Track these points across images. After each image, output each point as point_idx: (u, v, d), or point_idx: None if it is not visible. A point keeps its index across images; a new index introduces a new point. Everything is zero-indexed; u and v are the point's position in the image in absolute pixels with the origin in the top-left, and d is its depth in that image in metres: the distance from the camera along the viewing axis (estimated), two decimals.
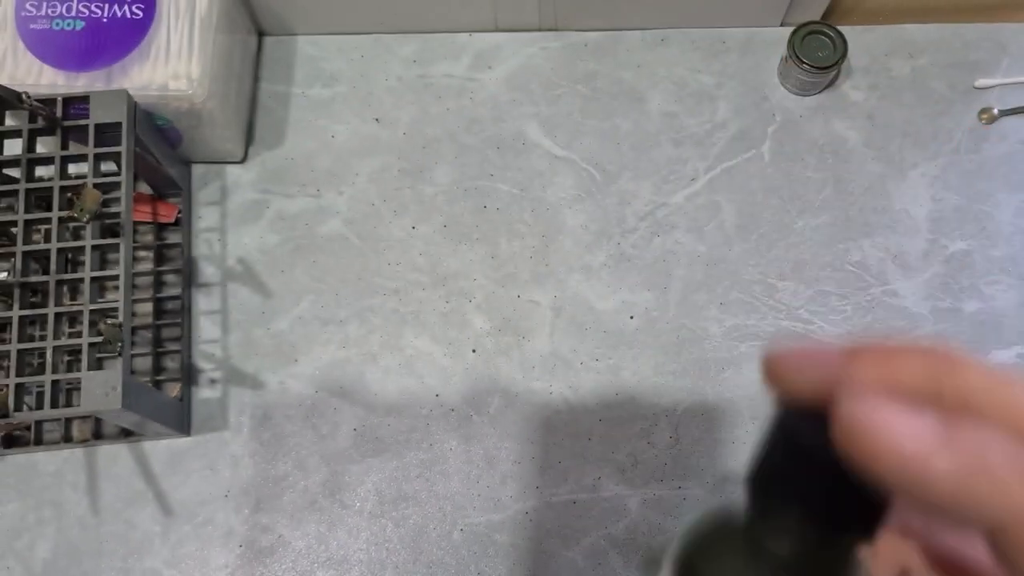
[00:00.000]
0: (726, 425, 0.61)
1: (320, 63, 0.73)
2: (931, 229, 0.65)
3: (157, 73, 0.62)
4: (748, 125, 0.68)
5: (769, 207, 0.66)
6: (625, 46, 0.71)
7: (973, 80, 0.69)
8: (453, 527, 0.60)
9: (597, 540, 0.59)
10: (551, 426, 0.61)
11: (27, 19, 0.64)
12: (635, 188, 0.67)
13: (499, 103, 0.70)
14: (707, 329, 0.63)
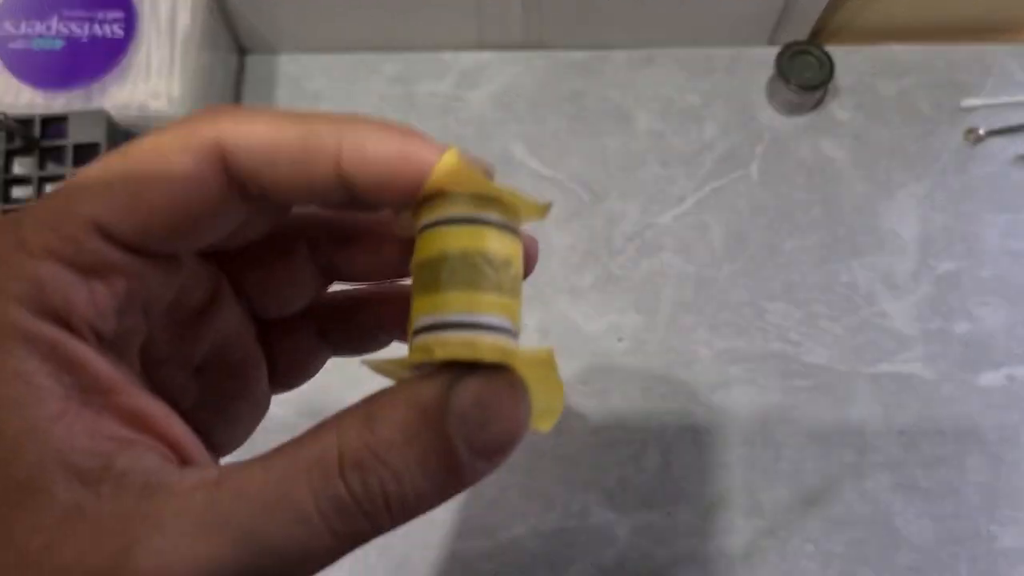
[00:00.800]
0: (716, 449, 0.60)
1: (302, 82, 0.72)
2: (919, 250, 0.65)
3: (137, 92, 0.61)
4: (736, 145, 0.68)
5: (758, 227, 0.66)
6: (611, 65, 0.71)
7: (959, 101, 0.69)
8: (438, 555, 0.59)
9: (586, 568, 0.58)
10: (538, 451, 0.60)
11: (5, 38, 0.63)
12: (622, 208, 0.67)
13: (484, 122, 0.70)
14: (696, 351, 0.62)
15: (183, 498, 0.16)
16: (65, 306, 0.16)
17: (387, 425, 0.17)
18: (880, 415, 0.60)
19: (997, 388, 0.61)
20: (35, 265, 0.16)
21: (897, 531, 0.58)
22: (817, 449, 0.60)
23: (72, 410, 0.16)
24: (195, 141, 0.17)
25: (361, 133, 0.18)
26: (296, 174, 0.18)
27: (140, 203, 0.17)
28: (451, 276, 0.18)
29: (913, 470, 0.59)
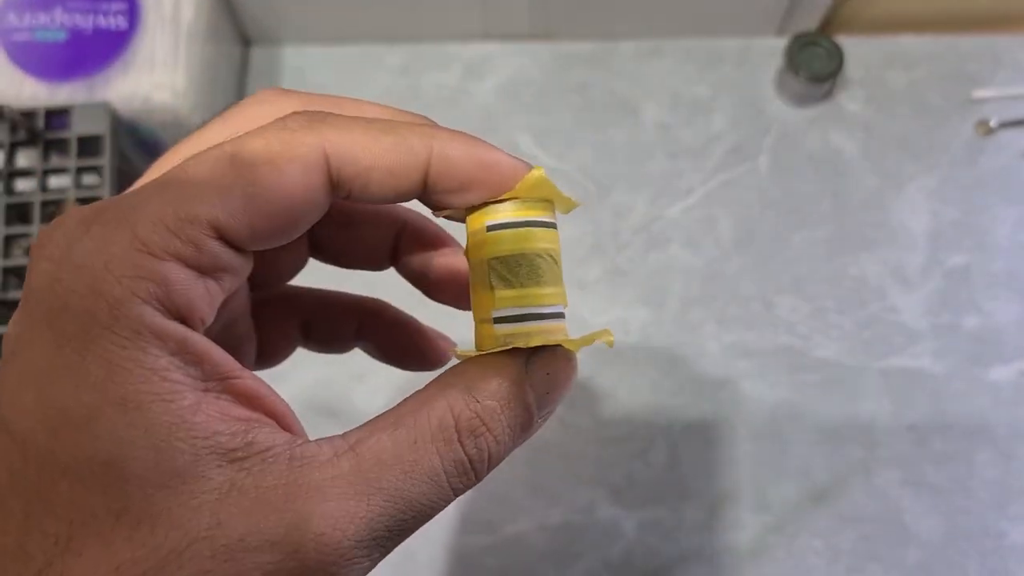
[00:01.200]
0: (724, 444, 0.59)
1: (307, 74, 0.71)
2: (929, 243, 0.64)
3: (141, 84, 0.61)
4: (744, 137, 0.67)
5: (766, 220, 0.65)
6: (618, 56, 0.70)
7: (969, 92, 0.68)
8: (442, 550, 0.58)
9: (592, 564, 0.57)
10: (544, 446, 0.60)
11: (9, 30, 0.62)
12: (630, 201, 0.66)
13: (490, 114, 0.69)
14: (704, 345, 0.62)
15: (332, 467, 0.18)
16: (187, 304, 0.18)
17: (488, 395, 0.20)
18: (889, 410, 0.60)
19: (1008, 383, 0.60)
20: (161, 267, 0.18)
21: (906, 527, 0.57)
22: (826, 444, 0.59)
23: (204, 399, 0.18)
24: (303, 150, 0.19)
25: (446, 144, 0.21)
26: (389, 181, 0.20)
27: (256, 209, 0.18)
28: (531, 273, 0.21)
29: (922, 466, 0.59)
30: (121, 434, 0.17)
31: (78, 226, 0.18)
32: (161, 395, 0.17)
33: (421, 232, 0.26)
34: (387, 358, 0.29)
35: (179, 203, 0.18)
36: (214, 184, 0.18)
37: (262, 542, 0.17)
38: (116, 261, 0.17)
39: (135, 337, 0.17)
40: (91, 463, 0.17)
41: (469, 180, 0.21)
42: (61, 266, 0.17)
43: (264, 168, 0.19)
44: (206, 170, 0.18)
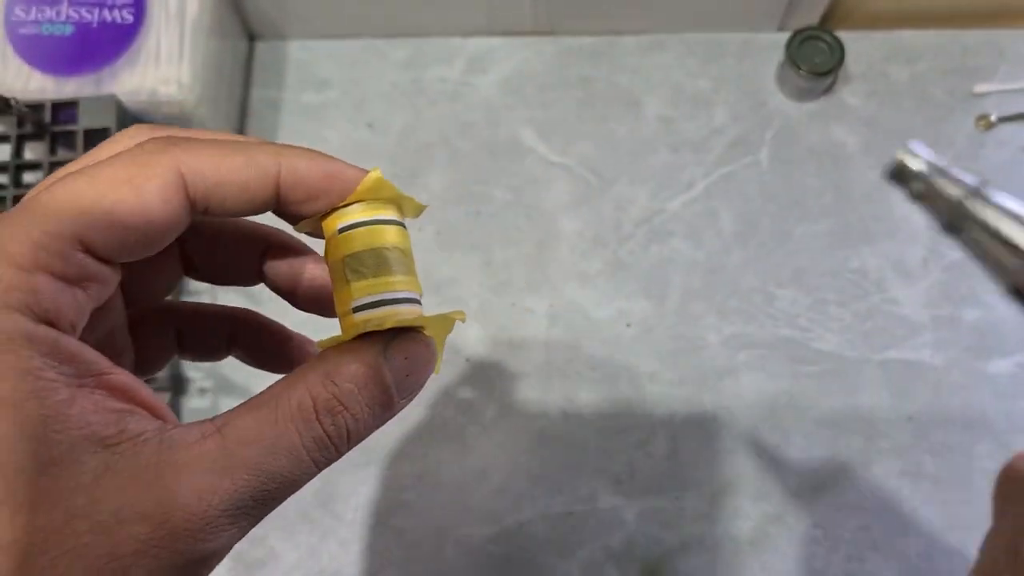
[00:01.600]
0: (724, 435, 0.60)
1: (312, 68, 0.72)
2: (930, 236, 0.64)
3: (147, 78, 0.61)
4: (746, 131, 0.68)
5: (767, 214, 0.65)
6: (620, 50, 0.71)
7: (971, 86, 0.68)
8: (446, 539, 0.59)
9: (594, 552, 0.58)
10: (546, 436, 0.61)
11: (16, 24, 0.63)
12: (631, 194, 0.66)
13: (493, 108, 0.70)
14: (705, 338, 0.62)
15: (198, 447, 0.20)
16: (56, 310, 0.20)
17: (345, 379, 0.22)
18: (889, 402, 0.60)
19: (1006, 375, 0.61)
20: (30, 278, 0.19)
21: (905, 517, 0.58)
22: (826, 435, 0.60)
23: (79, 393, 0.19)
24: (160, 169, 0.21)
25: (294, 159, 0.22)
26: (243, 195, 0.22)
27: (116, 223, 0.20)
28: (380, 263, 0.23)
29: (922, 457, 0.59)
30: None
31: None
32: (36, 392, 0.19)
33: (285, 248, 0.28)
34: (258, 364, 0.31)
35: (45, 221, 0.20)
36: (75, 203, 0.20)
37: (134, 515, 0.19)
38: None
39: (8, 342, 0.19)
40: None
41: (316, 189, 0.23)
42: None
43: (124, 188, 0.20)
44: (69, 192, 0.20)
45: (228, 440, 0.20)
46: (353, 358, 0.22)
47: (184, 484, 0.19)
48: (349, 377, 0.22)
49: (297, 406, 0.21)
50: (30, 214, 0.20)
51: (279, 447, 0.21)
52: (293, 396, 0.21)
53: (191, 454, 0.20)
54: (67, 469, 0.19)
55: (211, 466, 0.20)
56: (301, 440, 0.21)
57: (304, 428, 0.21)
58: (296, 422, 0.21)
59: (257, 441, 0.21)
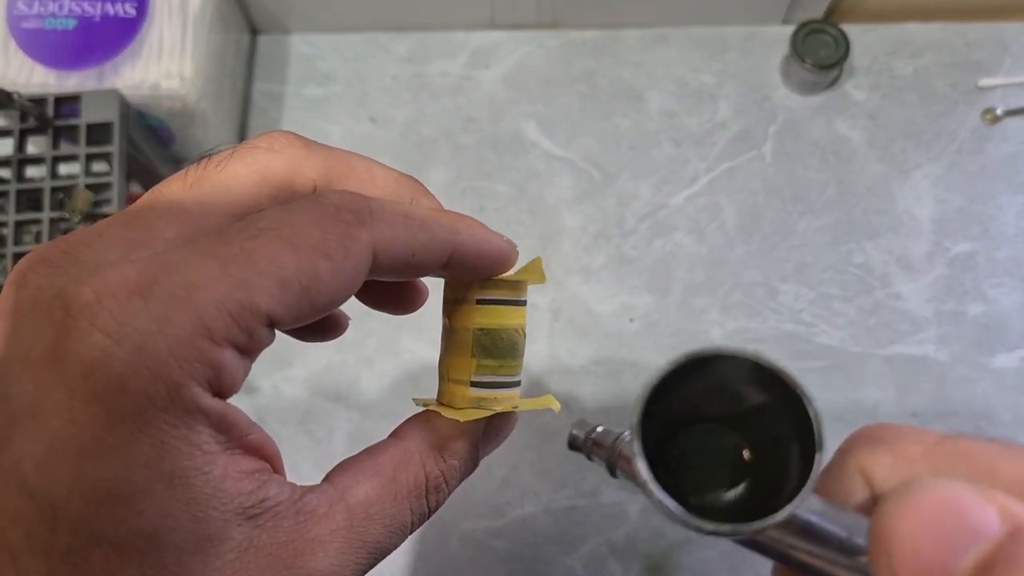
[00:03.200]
0: None
1: (314, 62, 0.72)
2: (934, 231, 0.64)
3: (149, 72, 0.61)
4: (749, 125, 0.68)
5: (771, 208, 0.65)
6: (624, 44, 0.71)
7: (976, 80, 0.68)
8: (450, 534, 0.59)
9: (596, 547, 0.58)
10: (549, 431, 0.61)
11: (19, 18, 0.63)
12: (635, 189, 0.66)
13: (496, 102, 0.69)
14: (708, 332, 0.62)
15: (329, 521, 0.21)
16: (232, 384, 0.19)
17: (453, 455, 0.23)
18: (893, 396, 0.60)
19: (1011, 370, 0.60)
20: (218, 353, 0.19)
21: None
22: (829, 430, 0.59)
23: (229, 463, 0.19)
24: (358, 249, 0.20)
25: (465, 239, 0.23)
26: (418, 270, 0.22)
27: (308, 301, 0.20)
28: (510, 347, 0.24)
29: None
30: (167, 509, 0.18)
31: (132, 297, 0.18)
32: (201, 468, 0.18)
33: None
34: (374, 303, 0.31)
35: (243, 291, 0.18)
36: (275, 274, 0.19)
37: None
38: (180, 346, 0.18)
39: (186, 417, 0.18)
40: (133, 535, 0.18)
41: (476, 267, 0.23)
42: (120, 343, 0.17)
43: (323, 264, 0.19)
44: (268, 255, 0.19)
45: (355, 515, 0.21)
46: (462, 434, 0.24)
47: (320, 563, 0.20)
48: (456, 453, 0.23)
49: (414, 483, 0.22)
50: (226, 274, 0.18)
51: (395, 525, 0.22)
52: (411, 471, 0.22)
53: (324, 529, 0.20)
54: (217, 546, 0.19)
55: (342, 545, 0.21)
56: (411, 517, 0.22)
57: (416, 505, 0.22)
58: (411, 500, 0.22)
59: (379, 519, 0.21)
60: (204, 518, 0.18)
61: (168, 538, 0.18)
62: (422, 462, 0.23)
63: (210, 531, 0.18)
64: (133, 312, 0.18)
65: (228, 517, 0.19)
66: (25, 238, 0.58)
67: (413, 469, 0.22)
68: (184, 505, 0.18)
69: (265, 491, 0.20)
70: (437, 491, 0.23)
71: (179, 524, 0.18)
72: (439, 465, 0.23)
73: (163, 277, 0.18)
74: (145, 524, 0.18)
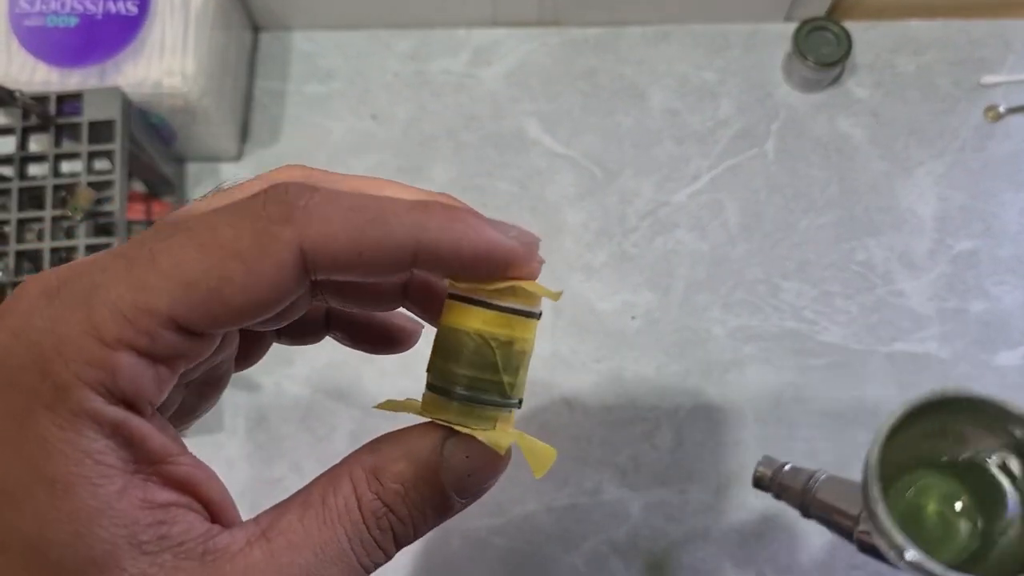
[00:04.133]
0: (730, 427, 0.60)
1: (316, 59, 0.72)
2: (937, 228, 0.64)
3: (151, 70, 0.61)
4: (751, 122, 0.68)
5: (773, 206, 0.65)
6: (626, 42, 0.70)
7: (978, 77, 0.68)
8: (452, 532, 0.59)
9: (598, 545, 0.58)
10: (551, 429, 0.61)
11: (21, 16, 0.63)
12: (636, 186, 0.66)
13: (498, 100, 0.69)
14: (710, 330, 0.62)
15: (244, 557, 0.18)
16: (134, 391, 0.18)
17: (392, 479, 0.20)
18: (895, 394, 0.60)
19: (1014, 368, 0.60)
20: (111, 356, 0.17)
21: None
22: (831, 428, 0.60)
23: (132, 482, 0.18)
24: (277, 248, 0.18)
25: (437, 234, 0.19)
26: (373, 273, 0.19)
27: (216, 301, 0.18)
28: (474, 355, 0.20)
29: None
30: (46, 515, 0.17)
31: (39, 297, 0.18)
32: (91, 478, 0.17)
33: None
34: (357, 344, 0.29)
35: (139, 292, 0.18)
36: (177, 276, 0.18)
37: None
38: (67, 344, 0.17)
39: (74, 420, 0.17)
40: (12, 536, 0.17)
41: (459, 267, 0.20)
42: (18, 339, 0.17)
43: (232, 264, 0.18)
44: (172, 257, 0.18)
45: (275, 546, 0.19)
46: (403, 454, 0.20)
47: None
48: (395, 477, 0.20)
49: (344, 506, 0.20)
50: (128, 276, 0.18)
51: (330, 553, 0.19)
52: (340, 494, 0.20)
53: (236, 567, 0.18)
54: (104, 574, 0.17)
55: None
56: (350, 544, 0.19)
57: (352, 531, 0.20)
58: (344, 524, 0.19)
59: (306, 547, 0.19)
60: (87, 536, 0.17)
61: (47, 550, 0.17)
62: (353, 484, 0.20)
63: (94, 554, 0.17)
64: (36, 311, 0.18)
65: (118, 543, 0.17)
66: (27, 236, 0.58)
67: (344, 491, 0.20)
68: (65, 516, 0.17)
69: (169, 528, 0.18)
70: (377, 518, 0.20)
71: (59, 537, 0.17)
72: (373, 487, 0.20)
73: (75, 279, 0.18)
74: (26, 527, 0.17)
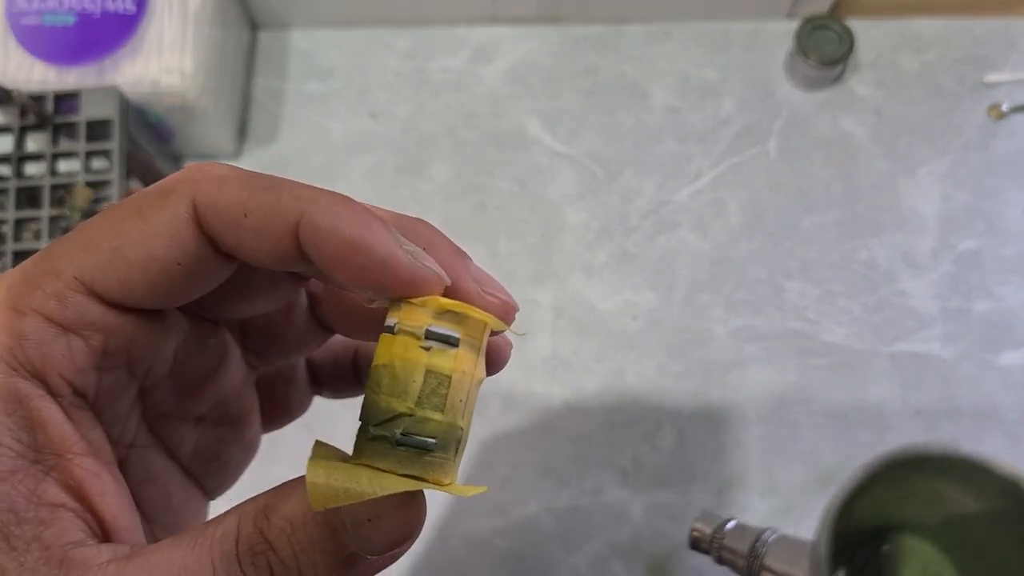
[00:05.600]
0: (731, 428, 0.60)
1: (315, 57, 0.71)
2: (940, 227, 0.64)
3: (149, 68, 0.61)
4: (753, 121, 0.67)
5: (775, 205, 0.65)
6: (627, 39, 0.70)
7: (982, 76, 0.67)
8: (453, 532, 0.59)
9: (600, 546, 0.57)
10: (552, 429, 0.60)
11: (18, 14, 0.62)
12: (638, 185, 0.66)
13: (498, 98, 0.69)
14: (712, 330, 0.62)
15: (98, 571, 0.17)
16: (42, 360, 0.17)
17: (279, 515, 0.18)
18: (898, 394, 0.60)
19: (1017, 367, 0.60)
20: (18, 319, 0.17)
21: None
22: (834, 428, 0.59)
23: (21, 469, 0.17)
24: (172, 200, 0.18)
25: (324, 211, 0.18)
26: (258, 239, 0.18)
27: (120, 259, 0.18)
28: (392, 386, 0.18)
29: None
30: None
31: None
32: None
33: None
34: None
35: (48, 259, 0.18)
36: (84, 239, 0.18)
37: None
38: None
39: None
40: None
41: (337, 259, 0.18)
42: None
43: (130, 221, 0.18)
44: (84, 228, 0.18)
45: (131, 565, 0.17)
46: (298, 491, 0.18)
47: None
48: (283, 514, 0.18)
49: (220, 535, 0.18)
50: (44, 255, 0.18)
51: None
52: (221, 525, 0.18)
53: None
54: None
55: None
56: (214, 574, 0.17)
57: (220, 563, 0.17)
58: (214, 553, 0.17)
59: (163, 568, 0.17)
60: None
61: None
62: (239, 516, 0.18)
63: None
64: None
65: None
66: (25, 236, 0.57)
67: (226, 523, 0.18)
68: None
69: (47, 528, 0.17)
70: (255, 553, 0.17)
71: None
72: (259, 523, 0.18)
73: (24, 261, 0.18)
74: None
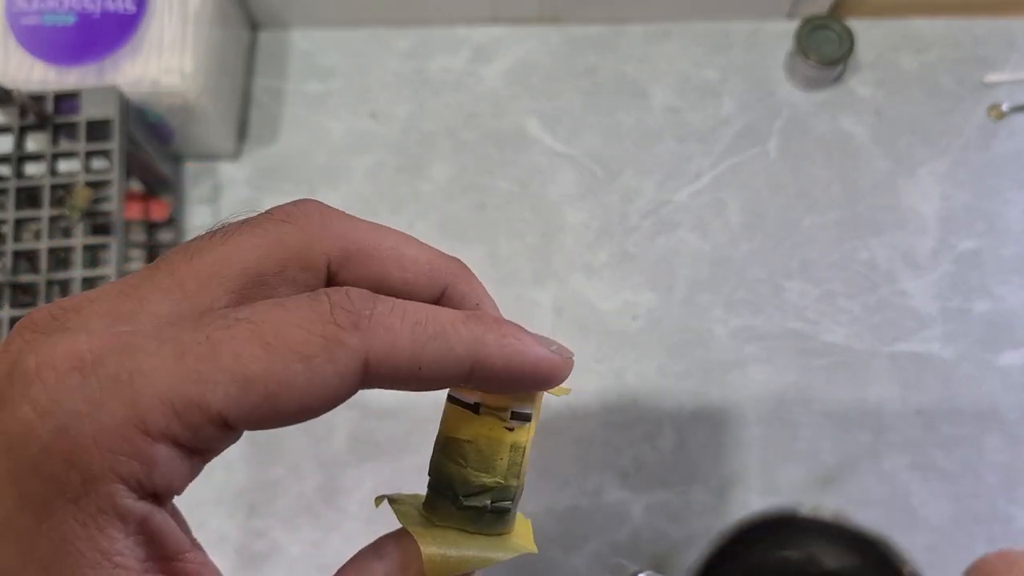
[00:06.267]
0: (731, 428, 0.59)
1: (315, 58, 0.71)
2: (940, 227, 0.64)
3: (149, 68, 0.61)
4: (753, 121, 0.67)
5: (775, 205, 0.65)
6: (627, 40, 0.70)
7: (982, 76, 0.67)
8: None
9: (600, 547, 0.57)
10: (552, 430, 0.60)
11: (18, 14, 0.62)
12: (638, 185, 0.66)
13: (498, 98, 0.69)
14: (712, 330, 0.62)
15: None
16: (166, 484, 0.17)
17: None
18: (898, 394, 0.60)
19: (1017, 368, 0.60)
20: (151, 448, 0.16)
21: (914, 511, 0.57)
22: (834, 428, 0.59)
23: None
24: (344, 357, 0.17)
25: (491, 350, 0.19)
26: (429, 385, 0.19)
27: (270, 405, 0.17)
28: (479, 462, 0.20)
29: (931, 450, 0.59)
30: None
31: (71, 373, 0.16)
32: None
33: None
34: None
35: (193, 384, 0.16)
36: (238, 373, 0.17)
37: None
38: (107, 435, 0.16)
39: (98, 516, 0.16)
40: None
41: (508, 383, 0.20)
42: (44, 419, 0.16)
43: (298, 368, 0.17)
44: (234, 349, 0.17)
45: None
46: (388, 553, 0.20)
47: None
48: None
49: None
50: (180, 364, 0.17)
51: None
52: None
53: None
54: None
55: None
56: None
57: None
58: None
59: None
60: None
61: None
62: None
63: None
64: (67, 389, 0.16)
65: None
66: (25, 236, 0.57)
67: None
68: None
69: None
70: None
71: None
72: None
73: (112, 357, 0.16)
74: None
